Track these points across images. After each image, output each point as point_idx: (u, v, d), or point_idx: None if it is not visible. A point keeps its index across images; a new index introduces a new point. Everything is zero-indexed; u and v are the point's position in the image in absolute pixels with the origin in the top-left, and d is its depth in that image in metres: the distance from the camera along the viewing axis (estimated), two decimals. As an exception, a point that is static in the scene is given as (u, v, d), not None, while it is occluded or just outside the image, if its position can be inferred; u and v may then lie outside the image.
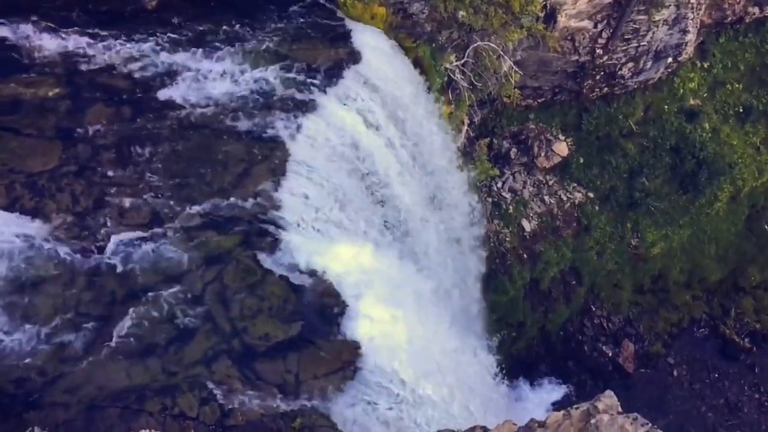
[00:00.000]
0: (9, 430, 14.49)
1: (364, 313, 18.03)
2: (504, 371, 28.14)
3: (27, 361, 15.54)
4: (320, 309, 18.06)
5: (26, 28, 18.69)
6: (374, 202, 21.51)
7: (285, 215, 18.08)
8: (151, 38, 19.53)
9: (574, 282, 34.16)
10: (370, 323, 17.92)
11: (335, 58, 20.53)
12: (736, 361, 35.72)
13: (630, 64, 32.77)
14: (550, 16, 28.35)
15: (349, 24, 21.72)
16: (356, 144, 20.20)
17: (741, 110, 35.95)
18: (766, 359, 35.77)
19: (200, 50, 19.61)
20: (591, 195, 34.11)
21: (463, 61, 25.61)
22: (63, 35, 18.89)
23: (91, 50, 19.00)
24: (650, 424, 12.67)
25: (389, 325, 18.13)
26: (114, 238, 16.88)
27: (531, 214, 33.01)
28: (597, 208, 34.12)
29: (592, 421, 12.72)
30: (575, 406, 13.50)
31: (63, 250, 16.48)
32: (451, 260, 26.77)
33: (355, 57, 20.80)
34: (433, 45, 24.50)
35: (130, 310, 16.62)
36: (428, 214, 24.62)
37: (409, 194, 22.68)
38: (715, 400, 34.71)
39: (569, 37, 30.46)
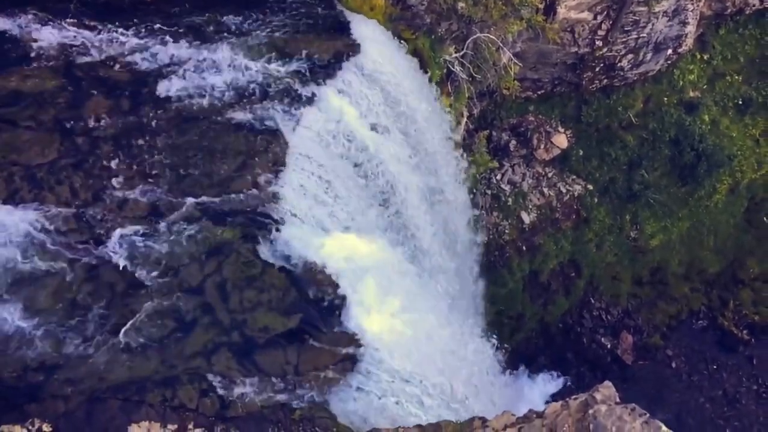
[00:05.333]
0: (10, 422, 14.54)
1: (363, 304, 18.09)
2: (503, 362, 28.24)
3: (27, 353, 15.60)
4: (320, 301, 18.10)
5: (25, 20, 18.64)
6: (372, 192, 21.52)
7: (284, 207, 18.08)
8: (149, 30, 19.48)
9: (573, 274, 34.22)
10: (369, 314, 17.97)
11: (334, 50, 20.48)
12: (735, 352, 35.82)
13: (630, 56, 32.69)
14: (550, 8, 28.26)
15: (348, 15, 21.67)
16: (354, 135, 20.19)
17: (740, 102, 35.89)
18: (764, 351, 35.84)
19: (199, 42, 19.57)
20: (590, 187, 34.12)
21: (462, 53, 25.55)
22: (61, 27, 18.84)
23: (90, 42, 18.95)
24: (648, 415, 12.75)
25: (388, 316, 18.19)
26: (113, 231, 16.90)
27: (530, 207, 33.02)
28: (596, 200, 34.13)
29: (590, 411, 12.79)
30: (573, 396, 13.60)
31: (62, 243, 16.49)
32: (447, 250, 26.79)
33: (354, 48, 20.77)
34: (433, 37, 24.44)
35: (130, 302, 16.66)
36: (425, 204, 24.61)
37: (406, 183, 22.68)
38: (713, 392, 34.83)
39: (569, 29, 30.37)
